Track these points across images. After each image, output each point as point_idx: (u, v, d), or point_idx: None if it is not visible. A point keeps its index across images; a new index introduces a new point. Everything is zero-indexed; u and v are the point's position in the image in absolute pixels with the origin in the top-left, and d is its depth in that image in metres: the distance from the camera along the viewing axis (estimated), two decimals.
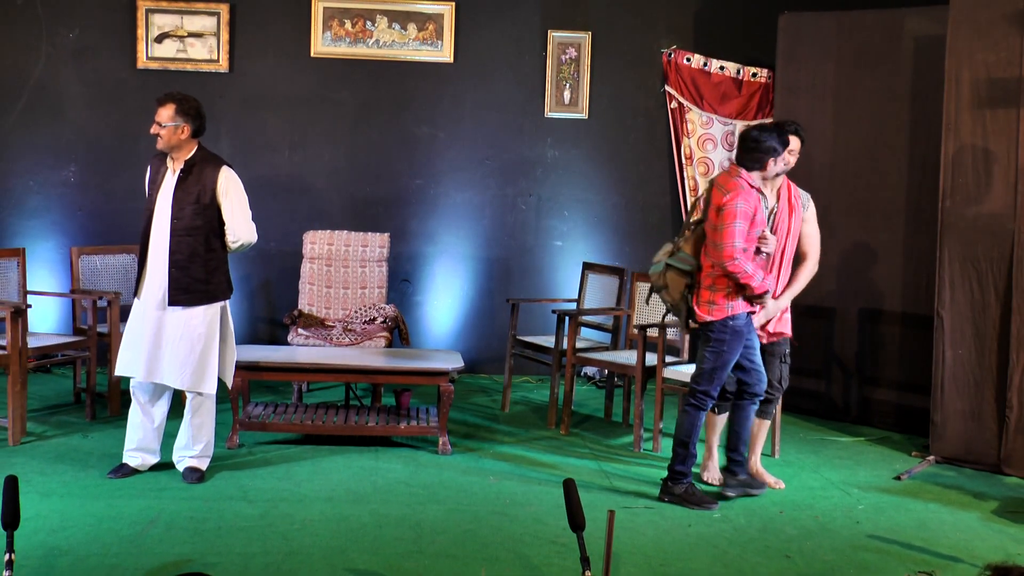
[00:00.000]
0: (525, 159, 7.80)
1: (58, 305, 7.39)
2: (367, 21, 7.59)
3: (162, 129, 4.97)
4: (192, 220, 5.00)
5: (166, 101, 5.00)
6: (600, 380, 7.64)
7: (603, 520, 3.15)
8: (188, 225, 5.00)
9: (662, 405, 5.93)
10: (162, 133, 4.97)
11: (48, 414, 6.26)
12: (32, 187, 7.53)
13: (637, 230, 7.88)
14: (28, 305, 6.05)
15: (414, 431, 5.75)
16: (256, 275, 7.70)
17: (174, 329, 5.03)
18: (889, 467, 5.82)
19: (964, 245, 5.81)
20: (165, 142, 4.99)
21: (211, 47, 7.52)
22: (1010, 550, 4.52)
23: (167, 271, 5.01)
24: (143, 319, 5.06)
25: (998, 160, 5.70)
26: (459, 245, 7.79)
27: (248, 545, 4.23)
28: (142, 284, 5.09)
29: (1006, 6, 5.66)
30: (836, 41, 6.89)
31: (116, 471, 5.09)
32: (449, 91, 7.71)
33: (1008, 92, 5.65)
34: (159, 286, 5.03)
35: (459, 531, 4.50)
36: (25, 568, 3.87)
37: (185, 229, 5.01)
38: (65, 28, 7.48)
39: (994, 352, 5.73)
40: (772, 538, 4.58)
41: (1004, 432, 5.69)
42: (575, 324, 6.43)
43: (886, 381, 6.71)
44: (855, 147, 6.82)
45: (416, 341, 7.63)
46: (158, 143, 5.01)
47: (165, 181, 5.05)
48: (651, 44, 7.78)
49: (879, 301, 6.73)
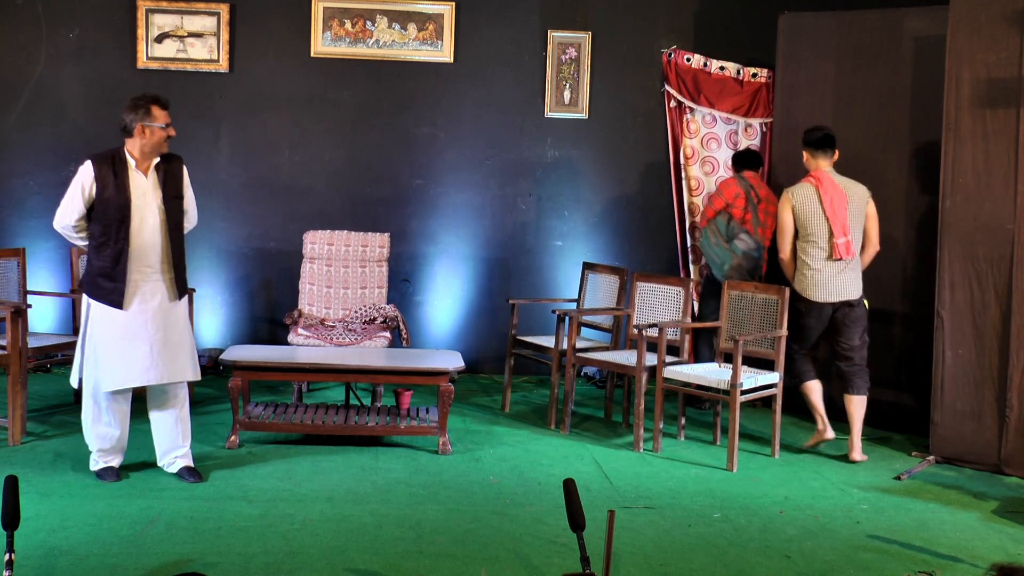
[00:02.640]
0: (525, 159, 7.80)
1: (58, 305, 7.39)
2: (367, 21, 7.59)
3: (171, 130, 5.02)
4: (178, 215, 5.05)
5: (167, 104, 5.05)
6: (600, 380, 7.64)
7: (603, 520, 3.15)
8: (177, 221, 5.05)
9: (662, 405, 5.93)
10: (170, 134, 5.01)
11: (48, 414, 6.26)
12: (32, 187, 7.53)
13: (637, 230, 7.88)
14: (28, 305, 6.05)
15: (414, 431, 5.75)
16: (256, 275, 7.70)
17: (176, 323, 5.04)
18: (889, 467, 5.82)
19: (964, 245, 5.81)
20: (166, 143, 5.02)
21: (211, 47, 7.52)
22: (1010, 550, 4.53)
23: (169, 270, 5.01)
24: (139, 326, 4.92)
25: (998, 160, 5.70)
26: (459, 245, 7.79)
27: (248, 545, 4.23)
28: (128, 293, 4.91)
29: (1006, 6, 5.66)
30: (836, 41, 6.89)
31: (112, 475, 5.04)
32: (449, 91, 7.71)
33: (1008, 92, 5.65)
34: (153, 289, 4.97)
35: (459, 531, 4.50)
36: (25, 568, 3.87)
37: (176, 225, 5.05)
38: (65, 28, 7.48)
39: (994, 352, 5.73)
40: (772, 538, 4.58)
41: (1004, 432, 5.69)
42: (575, 324, 6.43)
43: (886, 381, 6.71)
44: (855, 147, 6.81)
45: (416, 341, 7.63)
46: (166, 146, 5.01)
47: (132, 182, 4.94)
48: (651, 44, 7.78)
49: (879, 301, 6.73)
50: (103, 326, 4.94)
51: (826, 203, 5.82)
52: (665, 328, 5.96)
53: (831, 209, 5.81)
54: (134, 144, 4.97)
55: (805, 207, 5.88)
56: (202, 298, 7.44)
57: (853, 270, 5.89)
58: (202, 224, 7.59)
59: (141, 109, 4.94)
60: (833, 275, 5.85)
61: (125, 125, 4.96)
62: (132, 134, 4.96)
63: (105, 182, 4.90)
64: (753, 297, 6.09)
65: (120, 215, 4.89)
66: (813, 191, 5.88)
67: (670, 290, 6.35)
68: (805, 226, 5.88)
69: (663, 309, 6.36)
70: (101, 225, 4.91)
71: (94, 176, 4.91)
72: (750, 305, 6.09)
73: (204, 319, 7.58)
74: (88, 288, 4.98)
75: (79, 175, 4.95)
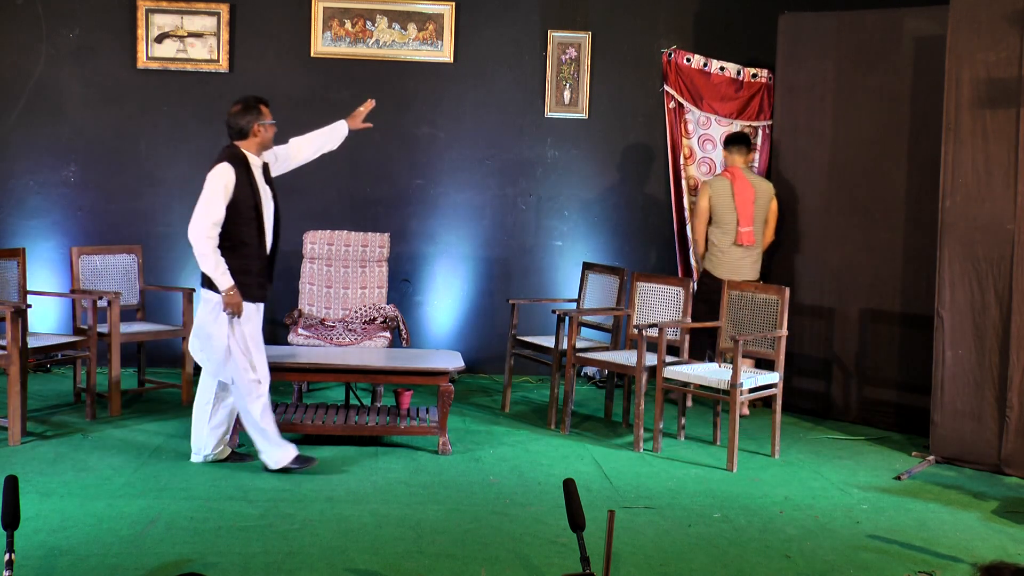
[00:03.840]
0: (525, 159, 7.80)
1: (58, 305, 7.39)
2: (367, 21, 7.59)
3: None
4: (278, 208, 5.31)
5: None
6: (600, 380, 7.65)
7: (603, 520, 3.15)
8: (278, 214, 5.31)
9: (662, 405, 5.93)
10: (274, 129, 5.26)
11: (48, 414, 6.26)
12: (32, 187, 7.53)
13: (637, 230, 7.88)
14: (28, 305, 6.05)
15: (414, 431, 5.75)
16: None
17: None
18: (889, 467, 5.83)
19: (964, 245, 5.81)
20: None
21: (211, 47, 7.52)
22: (1010, 550, 4.53)
23: (271, 265, 5.27)
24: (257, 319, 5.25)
25: (998, 160, 5.70)
26: (459, 245, 7.80)
27: (248, 545, 4.23)
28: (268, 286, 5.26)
29: (1006, 6, 5.66)
30: (836, 41, 6.89)
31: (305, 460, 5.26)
32: (449, 91, 7.71)
33: (1008, 92, 5.65)
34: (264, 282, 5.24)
35: (459, 531, 4.50)
36: (25, 568, 3.87)
37: (278, 218, 5.30)
38: (65, 28, 7.48)
39: (994, 352, 5.73)
40: (772, 538, 4.58)
41: (1004, 432, 5.69)
42: (575, 324, 6.43)
43: (886, 381, 6.72)
44: (855, 147, 6.82)
45: (416, 341, 7.63)
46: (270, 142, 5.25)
47: (257, 180, 5.17)
48: (651, 44, 7.78)
49: (879, 301, 6.73)
50: (247, 322, 5.18)
51: (736, 196, 6.72)
52: (665, 328, 5.96)
53: (740, 201, 6.71)
54: (250, 144, 5.18)
55: (719, 197, 6.77)
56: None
57: (751, 255, 6.81)
58: None
59: (254, 110, 5.16)
60: (735, 258, 6.79)
61: (241, 128, 5.15)
62: (247, 135, 5.16)
63: (240, 181, 5.09)
64: (753, 297, 6.09)
65: (254, 213, 5.12)
66: (728, 184, 6.77)
67: (670, 290, 6.36)
68: (717, 214, 6.79)
69: (663, 309, 6.36)
70: (236, 224, 5.08)
71: (235, 177, 5.06)
72: (750, 305, 6.10)
73: None
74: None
75: (219, 176, 5.05)
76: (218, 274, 5.04)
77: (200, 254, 5.04)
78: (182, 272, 7.58)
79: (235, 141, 5.18)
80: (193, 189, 5.26)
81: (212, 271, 5.04)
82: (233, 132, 5.17)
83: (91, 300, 6.30)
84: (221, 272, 5.04)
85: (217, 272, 5.04)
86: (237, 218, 5.07)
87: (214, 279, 5.05)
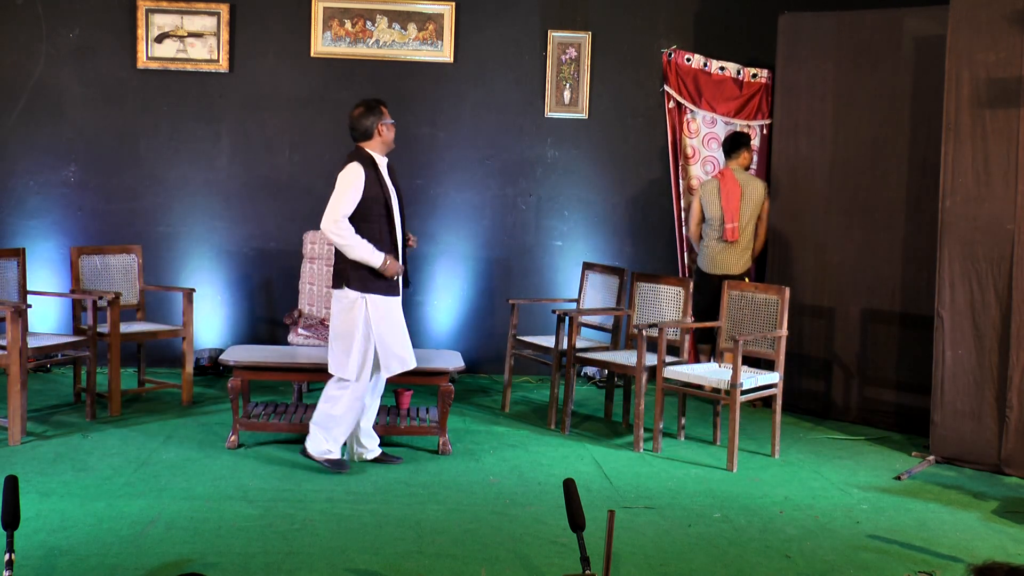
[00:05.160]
0: (525, 159, 7.80)
1: (58, 305, 7.39)
2: (367, 21, 7.59)
3: None
4: (404, 206, 5.43)
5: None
6: (600, 380, 7.64)
7: (603, 520, 3.15)
8: (404, 212, 5.43)
9: (662, 405, 5.93)
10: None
11: (48, 414, 6.26)
12: (32, 187, 7.53)
13: (637, 230, 7.88)
14: (28, 305, 6.05)
15: (414, 431, 5.75)
16: (256, 275, 7.70)
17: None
18: (889, 467, 5.83)
19: (964, 245, 5.81)
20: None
21: (211, 47, 7.52)
22: (1010, 550, 4.53)
23: (403, 259, 5.32)
24: (400, 312, 5.34)
25: (998, 160, 5.70)
26: (459, 245, 7.80)
27: (248, 545, 4.23)
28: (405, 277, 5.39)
29: (1006, 6, 5.66)
30: (836, 41, 6.89)
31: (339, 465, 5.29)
32: (449, 91, 7.71)
33: (1008, 92, 5.65)
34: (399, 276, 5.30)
35: (459, 531, 4.50)
36: (25, 568, 3.87)
37: (403, 216, 5.39)
38: (65, 28, 7.48)
39: (994, 352, 5.73)
40: (772, 538, 4.58)
41: (1004, 432, 5.69)
42: (575, 324, 6.43)
43: (886, 381, 6.71)
44: (855, 147, 6.82)
45: (416, 341, 7.61)
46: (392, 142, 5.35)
47: (385, 179, 5.26)
48: (651, 44, 7.78)
49: (879, 301, 6.73)
50: (382, 318, 5.24)
51: (723, 194, 6.96)
52: (665, 328, 5.96)
53: (725, 199, 6.95)
54: (375, 144, 5.28)
55: (708, 197, 7.04)
56: (202, 298, 7.44)
57: (736, 251, 7.01)
58: (202, 224, 7.64)
59: (375, 111, 5.26)
60: (719, 252, 7.02)
61: (365, 129, 5.26)
62: (372, 136, 5.27)
63: (370, 180, 5.18)
64: (753, 297, 6.09)
65: (385, 210, 5.21)
66: (716, 184, 7.03)
67: (670, 290, 6.35)
68: (706, 212, 7.07)
69: (663, 309, 6.36)
70: (369, 222, 5.17)
71: (364, 175, 5.16)
72: (750, 305, 6.09)
73: (204, 319, 7.57)
74: (359, 285, 5.19)
75: (351, 175, 5.17)
76: (367, 253, 5.13)
77: (342, 245, 5.15)
78: (182, 272, 7.58)
79: (359, 143, 5.28)
80: (193, 189, 5.27)
81: (361, 253, 5.13)
82: (357, 134, 5.28)
83: (91, 300, 6.30)
84: (369, 251, 5.13)
85: (366, 252, 5.13)
86: (369, 215, 5.18)
87: (366, 260, 5.13)
